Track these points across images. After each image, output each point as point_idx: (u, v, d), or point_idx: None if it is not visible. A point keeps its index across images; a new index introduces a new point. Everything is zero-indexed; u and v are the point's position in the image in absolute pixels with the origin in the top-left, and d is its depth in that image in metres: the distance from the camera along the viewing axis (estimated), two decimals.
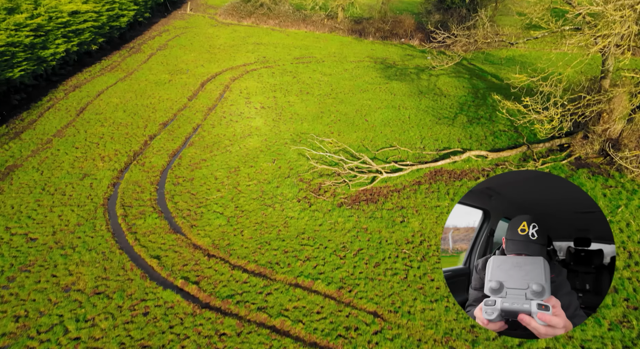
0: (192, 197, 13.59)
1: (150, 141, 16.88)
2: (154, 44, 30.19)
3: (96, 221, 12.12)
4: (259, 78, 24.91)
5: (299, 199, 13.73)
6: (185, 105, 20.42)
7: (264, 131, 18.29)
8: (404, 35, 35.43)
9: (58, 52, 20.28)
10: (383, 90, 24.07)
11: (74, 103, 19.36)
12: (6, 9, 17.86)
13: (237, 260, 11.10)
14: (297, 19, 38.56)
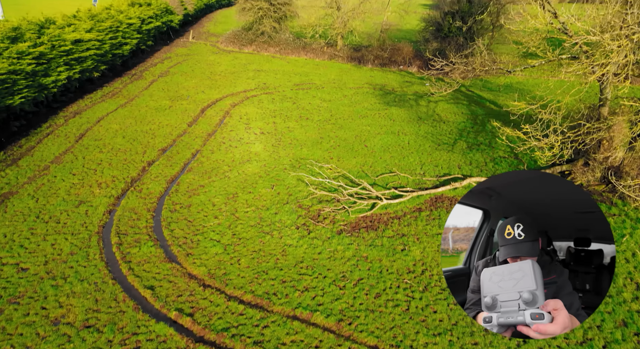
0: (189, 224, 13.35)
1: (149, 167, 16.78)
2: (156, 70, 30.62)
3: (90, 250, 11.84)
4: (259, 104, 25.09)
5: (298, 226, 13.49)
6: (185, 131, 20.46)
7: (263, 156, 18.22)
8: (403, 62, 36.01)
9: (60, 79, 20.49)
10: (382, 116, 24.19)
11: (73, 130, 19.39)
12: (9, 37, 18.15)
13: (234, 290, 10.76)
14: (297, 46, 39.32)
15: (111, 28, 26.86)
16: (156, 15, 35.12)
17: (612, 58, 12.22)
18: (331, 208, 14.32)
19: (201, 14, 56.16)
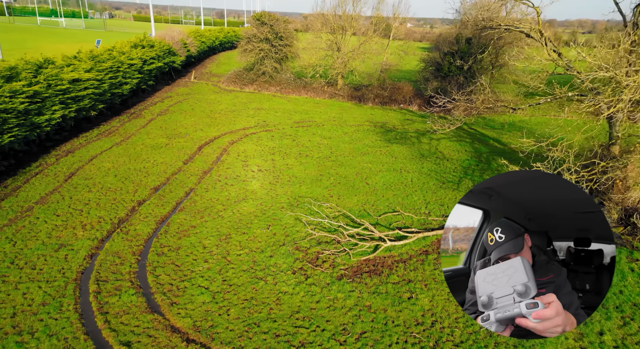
0: (176, 269, 12.27)
1: (139, 207, 15.90)
2: (155, 109, 30.50)
3: (64, 300, 10.72)
4: (257, 141, 24.60)
5: (294, 271, 12.38)
6: (180, 168, 19.76)
7: (259, 195, 17.37)
8: (403, 101, 36.03)
9: (54, 118, 20.10)
10: (384, 153, 23.58)
11: (63, 169, 18.72)
12: (4, 76, 17.91)
13: (220, 346, 9.53)
14: (298, 86, 39.62)
15: (112, 68, 26.95)
16: (158, 56, 35.61)
17: (625, 94, 11.64)
18: (331, 251, 13.26)
19: (204, 56, 57.45)
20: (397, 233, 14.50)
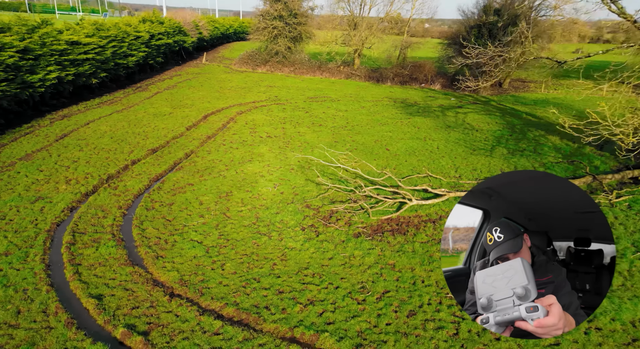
0: (167, 223, 10.53)
1: (132, 166, 14.27)
2: (163, 85, 29.09)
3: (31, 251, 9.06)
4: (268, 112, 22.85)
5: (304, 227, 10.51)
6: (182, 133, 18.13)
7: (267, 157, 15.56)
8: (424, 80, 33.87)
9: (48, 78, 18.71)
10: (405, 124, 21.55)
11: (56, 130, 17.27)
12: None
13: (211, 301, 7.72)
14: (313, 66, 37.83)
15: (116, 37, 25.60)
16: (167, 33, 34.29)
17: None
18: (346, 208, 11.35)
19: (217, 43, 56.24)
20: (424, 194, 12.50)
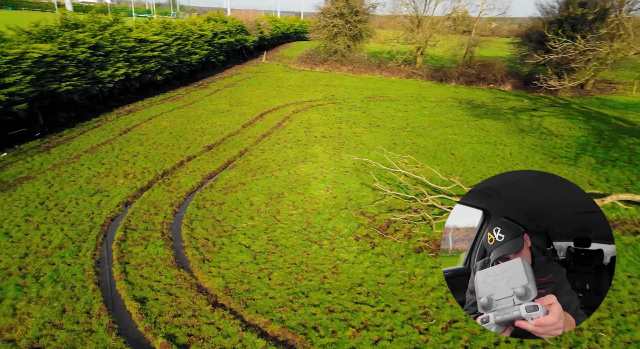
0: (216, 224, 10.13)
1: (187, 162, 14.21)
2: (223, 82, 29.52)
3: (84, 245, 9.03)
4: (324, 111, 22.19)
5: (358, 237, 9.62)
6: (238, 131, 17.96)
7: (321, 158, 14.85)
8: (493, 80, 31.49)
9: (117, 75, 19.40)
10: (472, 127, 19.87)
11: (121, 125, 17.81)
12: (69, 26, 17.38)
13: (255, 315, 7.09)
14: (372, 65, 36.71)
15: (181, 35, 26.28)
16: (230, 31, 34.87)
17: None
18: (406, 218, 10.29)
19: (277, 42, 56.80)
20: None
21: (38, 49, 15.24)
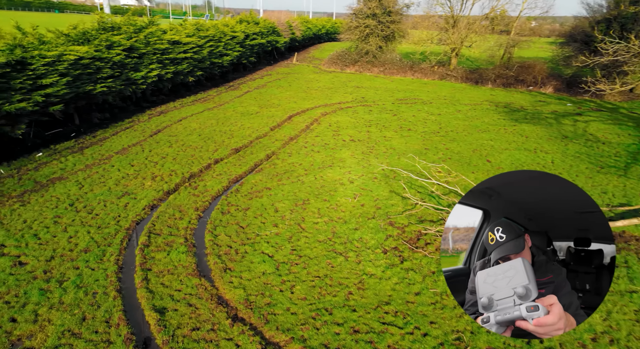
0: (239, 231, 9.90)
1: (214, 165, 14.12)
2: (253, 84, 29.58)
3: (109, 249, 9.00)
4: (353, 114, 21.72)
5: (386, 250, 9.12)
6: (266, 133, 17.78)
7: (349, 163, 14.41)
8: (533, 82, 30.03)
9: (150, 76, 19.68)
10: (510, 132, 18.87)
11: (152, 126, 18.01)
12: (105, 29, 17.74)
13: (275, 332, 6.75)
14: (404, 66, 35.87)
15: (213, 37, 26.49)
16: (262, 33, 34.96)
17: None
18: (439, 231, 9.69)
19: (309, 43, 56.71)
20: None
21: (75, 51, 15.60)
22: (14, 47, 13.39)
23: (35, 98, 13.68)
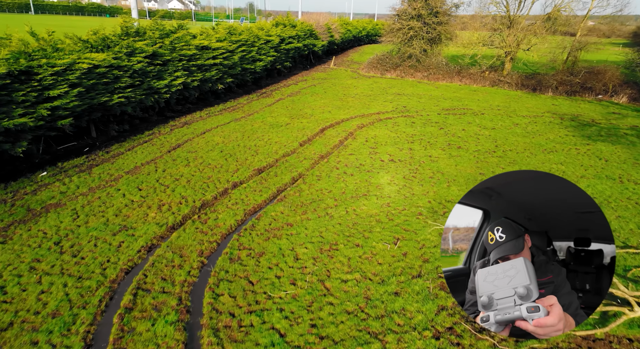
0: (248, 289, 7.88)
1: (232, 189, 12.25)
2: (287, 90, 27.78)
3: (82, 313, 7.23)
4: (393, 127, 19.30)
5: (438, 332, 6.76)
6: (295, 150, 15.78)
7: (387, 191, 12.08)
8: (603, 90, 26.24)
9: (174, 84, 18.24)
10: (583, 154, 15.79)
11: (172, 140, 16.50)
12: (129, 33, 16.41)
13: None
14: (450, 71, 32.86)
15: (246, 41, 24.90)
16: (298, 36, 33.15)
17: None
18: None
19: (348, 46, 54.52)
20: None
21: (90, 59, 14.29)
22: (19, 56, 12.14)
23: (40, 112, 12.39)
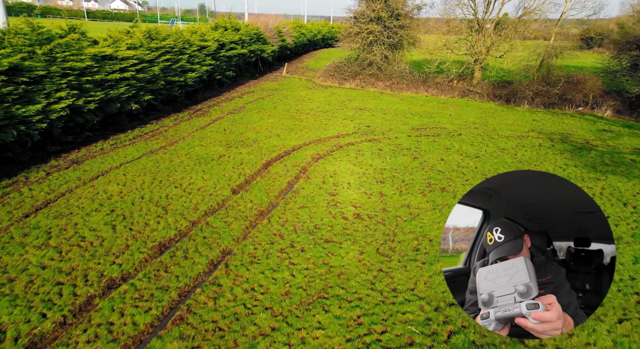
0: None
1: (100, 301, 7.55)
2: (228, 106, 23.09)
3: None
4: (356, 158, 15.21)
5: None
6: (224, 201, 11.29)
7: (354, 286, 7.82)
8: (584, 101, 23.56)
9: (54, 109, 13.17)
10: (600, 195, 12.41)
11: (41, 194, 11.46)
12: None
13: None
14: (415, 80, 29.44)
15: (172, 48, 20.01)
16: (242, 41, 28.52)
17: None
18: None
19: (302, 50, 50.39)
20: None
21: None
22: None
23: None
